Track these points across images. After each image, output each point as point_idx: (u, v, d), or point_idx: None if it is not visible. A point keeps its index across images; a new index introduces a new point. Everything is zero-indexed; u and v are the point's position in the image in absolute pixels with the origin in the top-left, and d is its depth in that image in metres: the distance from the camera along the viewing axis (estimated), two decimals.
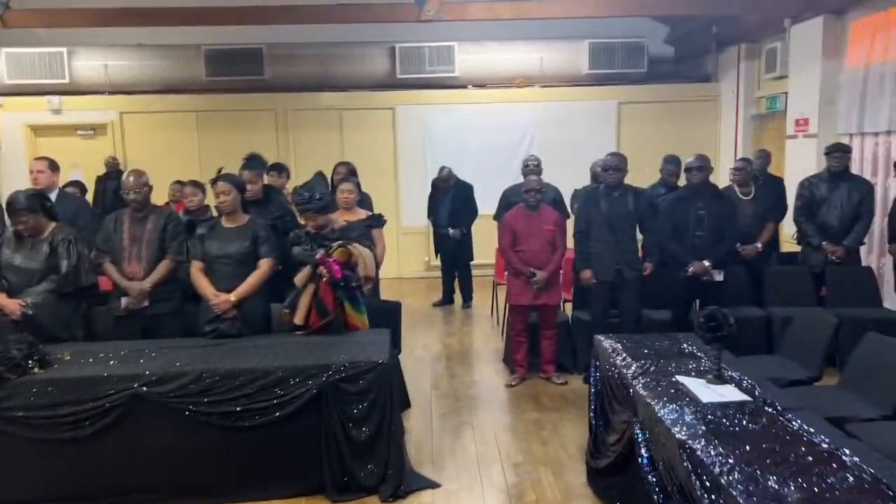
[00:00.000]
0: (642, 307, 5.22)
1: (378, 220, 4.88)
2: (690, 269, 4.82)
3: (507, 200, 5.86)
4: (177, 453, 3.45)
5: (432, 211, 7.75)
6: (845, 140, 6.95)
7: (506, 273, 5.93)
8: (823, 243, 5.60)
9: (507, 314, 6.35)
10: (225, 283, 3.96)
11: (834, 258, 5.56)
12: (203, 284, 3.96)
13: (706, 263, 4.80)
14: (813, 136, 7.25)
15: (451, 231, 7.46)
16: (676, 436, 2.53)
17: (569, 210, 6.12)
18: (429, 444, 4.18)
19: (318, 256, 3.77)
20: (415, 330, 6.73)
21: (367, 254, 3.96)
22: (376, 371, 3.47)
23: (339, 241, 3.86)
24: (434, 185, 7.72)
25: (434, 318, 7.37)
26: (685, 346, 3.71)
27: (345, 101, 9.43)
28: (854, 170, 6.70)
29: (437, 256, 8.01)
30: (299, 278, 3.84)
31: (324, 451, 3.47)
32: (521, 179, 9.43)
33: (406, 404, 4.60)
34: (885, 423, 3.25)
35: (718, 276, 4.83)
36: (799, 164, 7.40)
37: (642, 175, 6.11)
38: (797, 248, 6.37)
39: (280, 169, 5.86)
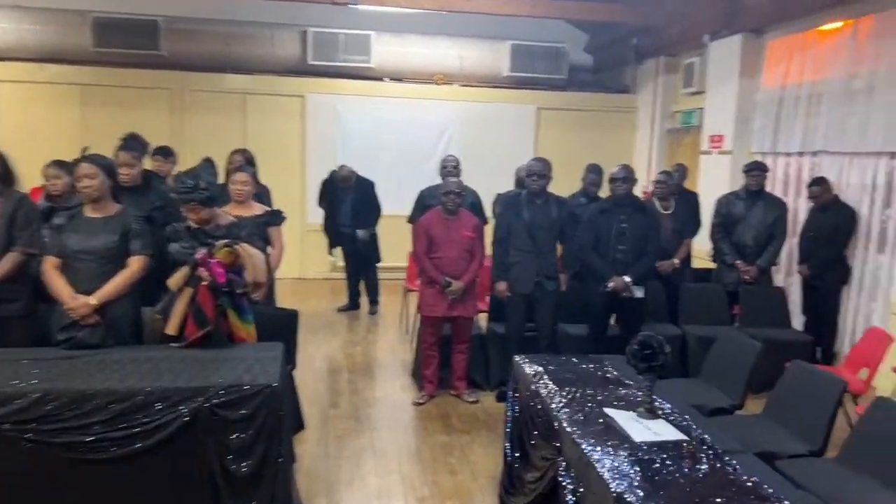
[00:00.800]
0: (558, 321, 4.94)
1: (276, 217, 4.34)
2: (611, 284, 4.57)
3: (424, 202, 5.45)
4: (11, 493, 2.82)
5: (331, 211, 7.20)
6: (758, 159, 6.99)
7: (418, 280, 5.51)
8: (738, 262, 5.54)
9: (417, 324, 5.95)
10: (86, 284, 3.31)
11: (747, 277, 5.49)
12: (58, 284, 3.30)
13: (627, 279, 4.56)
14: (727, 153, 7.27)
15: (359, 233, 6.98)
16: (612, 486, 2.19)
17: (487, 216, 5.77)
18: (324, 473, 3.70)
19: (198, 256, 3.20)
20: (315, 338, 6.21)
21: (258, 255, 3.42)
22: (263, 396, 2.95)
23: (225, 240, 3.31)
24: (330, 182, 7.18)
25: (338, 325, 6.85)
26: (610, 370, 3.41)
27: (250, 85, 8.74)
28: (766, 189, 6.75)
29: (331, 255, 7.66)
30: (174, 280, 3.26)
31: (196, 488, 2.93)
32: (438, 180, 9.16)
33: (299, 426, 4.08)
34: (816, 462, 3.06)
35: (639, 293, 4.61)
36: (712, 180, 7.40)
37: (559, 183, 5.81)
38: (709, 265, 6.33)
39: (166, 153, 5.19)
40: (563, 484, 2.55)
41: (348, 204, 7.03)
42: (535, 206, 4.66)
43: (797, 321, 5.85)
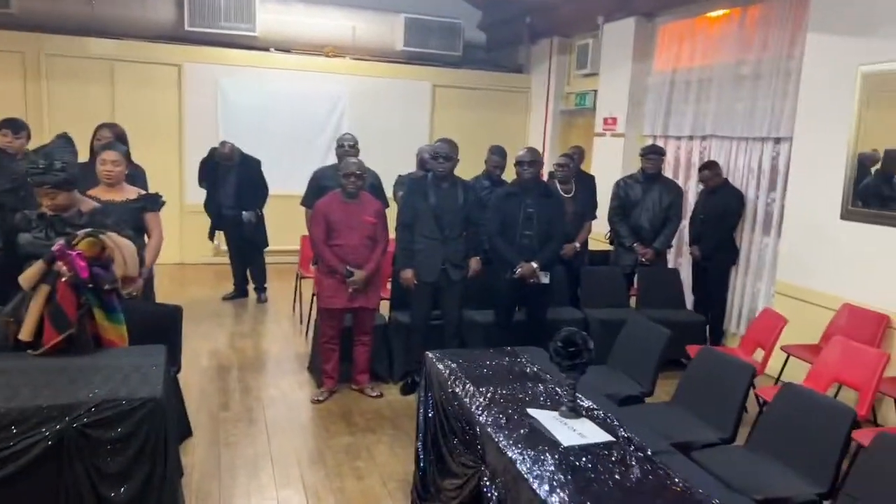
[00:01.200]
0: (464, 308, 4.78)
1: (153, 202, 3.86)
2: (518, 270, 4.45)
3: (319, 184, 5.08)
4: None
5: (213, 191, 6.66)
6: (650, 142, 7.13)
7: (313, 267, 5.18)
8: (635, 245, 5.60)
9: (314, 315, 5.61)
10: None
11: (644, 260, 5.57)
12: None
13: (534, 265, 4.45)
14: (620, 136, 7.37)
15: (244, 215, 6.49)
16: (544, 498, 2.03)
17: (388, 199, 5.49)
18: (216, 487, 3.34)
19: (55, 248, 2.73)
20: (199, 331, 5.72)
21: (128, 246, 2.96)
22: (144, 410, 2.56)
23: (88, 229, 2.85)
24: (211, 160, 6.62)
25: (224, 316, 6.36)
26: (526, 364, 3.27)
27: (118, 51, 7.90)
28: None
29: (211, 240, 7.04)
30: (26, 277, 2.77)
31: None
32: (332, 159, 8.73)
33: (186, 433, 3.67)
34: (729, 449, 3.07)
35: (545, 279, 4.52)
36: (606, 162, 7.50)
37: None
38: (605, 247, 6.40)
39: (16, 127, 4.52)
40: (489, 495, 2.37)
41: (231, 184, 6.53)
42: (442, 190, 4.44)
43: (687, 301, 6.02)
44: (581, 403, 2.75)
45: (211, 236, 6.88)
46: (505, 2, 8.88)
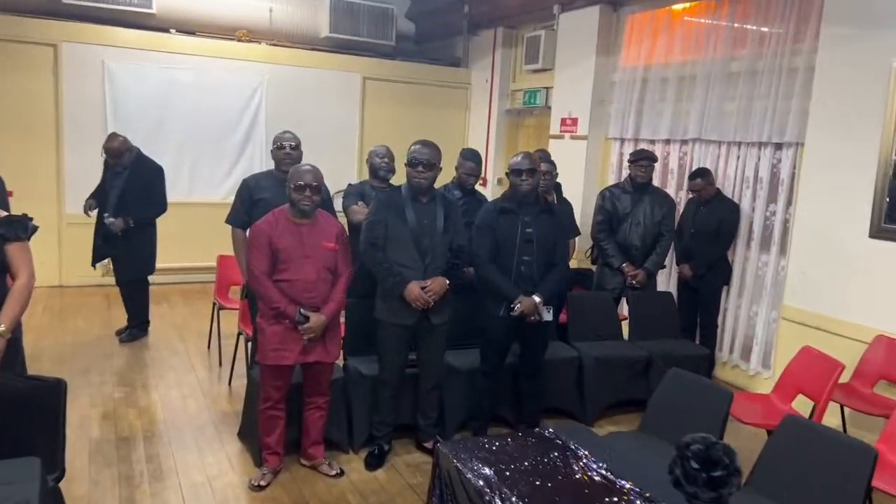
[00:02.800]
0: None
1: (16, 227, 2.62)
2: (517, 306, 3.53)
3: (253, 197, 3.94)
4: None
5: (101, 201, 5.28)
6: (616, 146, 6.43)
7: (241, 299, 4.07)
8: (623, 265, 4.83)
9: (240, 356, 4.45)
10: None
11: (634, 282, 4.81)
12: None
13: (536, 299, 3.55)
14: (582, 139, 6.62)
15: (108, 220, 5.09)
16: None
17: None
18: None
19: None
20: (87, 383, 4.44)
21: None
22: None
23: None
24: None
25: (117, 358, 5.05)
26: (585, 462, 2.35)
27: None
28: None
29: (94, 266, 5.49)
30: None
31: None
32: (245, 161, 7.52)
33: None
34: None
35: (547, 315, 3.63)
36: (566, 167, 6.66)
37: None
38: (584, 266, 5.62)
39: None
40: None
41: (116, 191, 5.15)
42: (421, 206, 3.45)
43: None
44: None
45: (94, 261, 5.43)
46: None
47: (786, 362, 4.55)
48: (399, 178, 4.36)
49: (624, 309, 5.08)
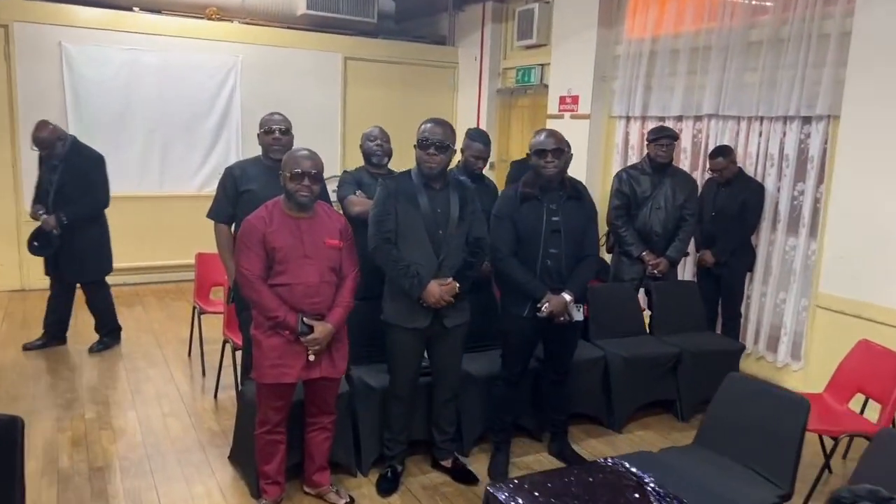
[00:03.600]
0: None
1: None
2: (545, 305, 3.11)
3: (238, 188, 3.43)
4: None
5: (43, 198, 4.69)
6: (621, 124, 6.04)
7: (228, 304, 3.63)
8: (643, 253, 4.44)
9: (226, 365, 3.98)
10: None
11: (655, 272, 4.43)
12: None
13: (566, 297, 3.14)
14: (584, 118, 6.21)
15: (42, 217, 4.57)
16: None
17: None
18: None
19: None
20: (55, 401, 3.94)
21: None
22: None
23: None
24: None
25: (88, 372, 4.54)
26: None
27: None
28: (634, 161, 5.81)
29: (48, 274, 4.91)
30: None
31: None
32: (221, 148, 6.98)
33: None
34: None
35: (578, 315, 3.21)
36: None
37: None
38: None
39: None
40: None
41: (55, 185, 4.58)
42: (434, 194, 3.01)
43: None
44: None
45: (48, 270, 4.87)
46: None
47: (821, 353, 4.27)
48: (399, 162, 3.93)
49: (642, 301, 4.70)
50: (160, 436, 3.64)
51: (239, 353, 3.75)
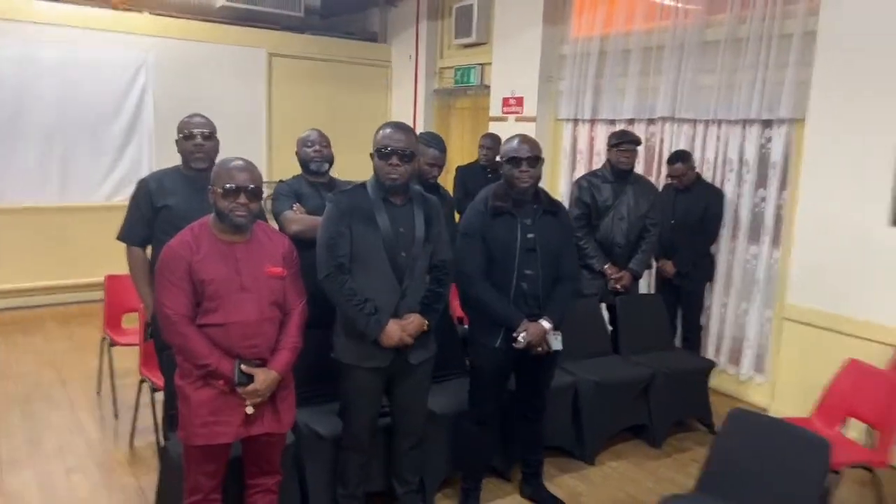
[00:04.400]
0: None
1: None
2: (522, 334, 2.74)
3: (154, 204, 2.88)
4: None
5: None
6: (568, 128, 5.77)
7: (148, 337, 3.08)
8: (605, 267, 4.15)
9: (163, 435, 3.41)
10: None
11: (618, 286, 4.14)
12: None
13: (545, 325, 2.77)
14: (529, 120, 5.90)
15: None
16: None
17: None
18: None
19: None
20: None
21: None
22: None
23: None
24: None
25: None
26: None
27: None
28: (582, 166, 5.56)
29: None
30: None
31: None
32: (132, 154, 6.30)
33: None
34: None
35: (557, 344, 2.85)
36: None
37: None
38: None
39: None
40: None
41: None
42: (395, 209, 2.57)
43: None
44: None
45: None
46: None
47: (790, 367, 4.10)
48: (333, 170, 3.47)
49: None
50: (63, 500, 3.04)
51: (159, 395, 3.20)
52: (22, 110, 5.68)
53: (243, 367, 2.23)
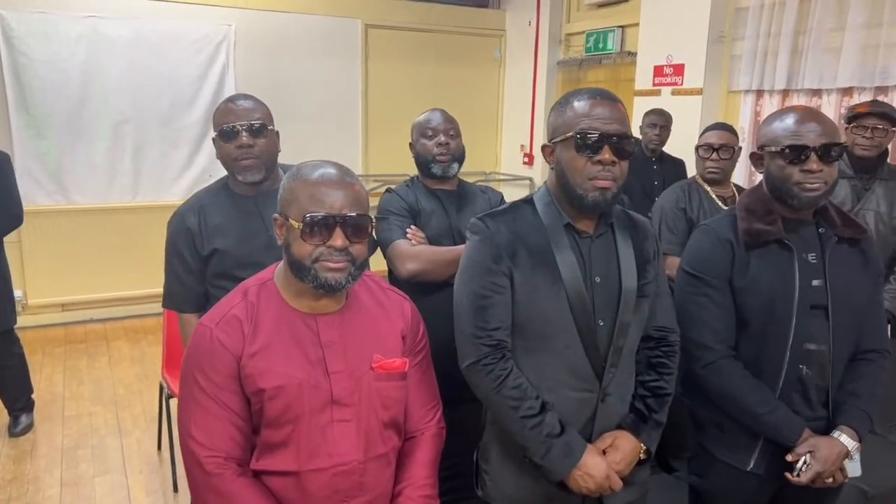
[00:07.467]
0: None
1: None
2: (804, 460, 1.57)
3: (201, 250, 1.80)
4: None
5: None
6: (748, 101, 4.45)
7: None
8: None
9: None
10: None
11: None
12: None
13: (848, 444, 1.59)
14: (694, 93, 4.61)
15: None
16: None
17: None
18: None
19: None
20: None
21: None
22: None
23: None
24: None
25: (15, 464, 3.05)
26: None
27: None
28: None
29: None
30: None
31: None
32: (209, 149, 5.48)
33: None
34: None
35: (856, 469, 1.64)
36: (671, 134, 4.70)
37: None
38: None
39: None
40: None
41: None
42: (586, 241, 1.46)
43: None
44: None
45: None
46: None
47: None
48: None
49: None
50: None
51: None
52: (88, 98, 4.93)
53: None
